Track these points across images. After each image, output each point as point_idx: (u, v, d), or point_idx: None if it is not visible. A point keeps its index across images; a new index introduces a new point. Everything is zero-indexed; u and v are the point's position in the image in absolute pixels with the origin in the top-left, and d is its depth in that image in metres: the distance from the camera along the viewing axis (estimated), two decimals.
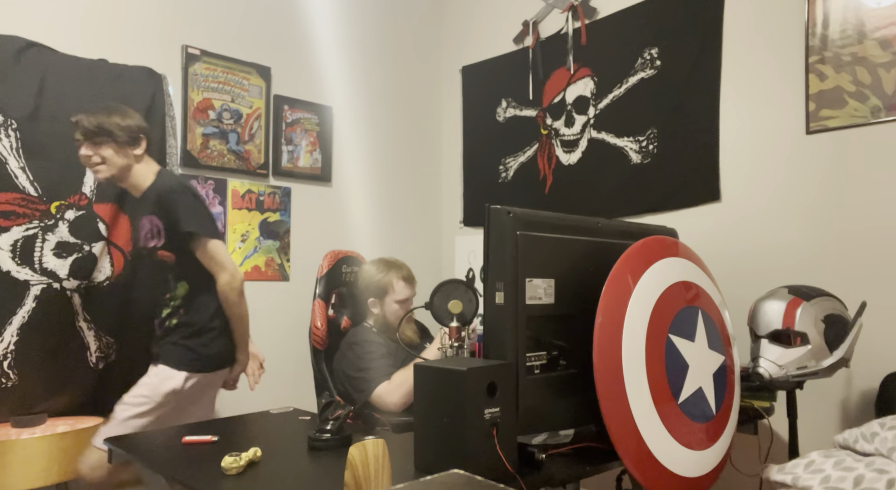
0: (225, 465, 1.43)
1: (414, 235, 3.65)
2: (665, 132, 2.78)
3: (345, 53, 3.37)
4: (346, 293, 2.51)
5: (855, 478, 1.47)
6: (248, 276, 2.94)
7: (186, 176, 2.75)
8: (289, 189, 3.11)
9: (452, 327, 1.81)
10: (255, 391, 2.94)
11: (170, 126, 2.65)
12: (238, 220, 2.92)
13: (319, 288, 2.47)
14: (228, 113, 2.89)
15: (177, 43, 2.76)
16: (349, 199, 3.37)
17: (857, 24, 2.27)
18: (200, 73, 2.80)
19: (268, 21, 3.07)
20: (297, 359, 3.05)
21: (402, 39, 3.64)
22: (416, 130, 3.70)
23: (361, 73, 3.44)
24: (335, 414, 1.71)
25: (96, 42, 2.54)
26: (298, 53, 3.18)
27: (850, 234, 2.28)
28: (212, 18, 2.87)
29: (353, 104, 3.40)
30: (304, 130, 3.17)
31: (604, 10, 3.02)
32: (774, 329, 1.91)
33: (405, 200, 3.62)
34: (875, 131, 2.23)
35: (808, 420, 2.33)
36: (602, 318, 1.44)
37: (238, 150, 2.91)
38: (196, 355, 2.07)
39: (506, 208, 1.48)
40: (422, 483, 0.92)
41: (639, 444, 1.42)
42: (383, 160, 3.53)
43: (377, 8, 3.52)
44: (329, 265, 2.51)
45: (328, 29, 3.30)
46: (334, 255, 2.55)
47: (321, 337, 2.40)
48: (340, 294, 2.52)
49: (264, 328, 3.00)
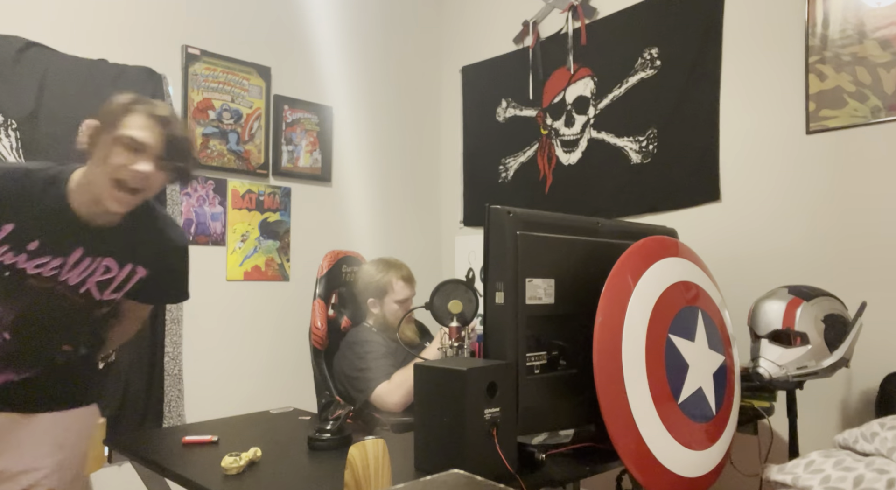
0: (225, 465, 1.43)
1: (414, 235, 3.65)
2: (665, 132, 2.78)
3: (345, 53, 3.37)
4: (346, 293, 2.51)
5: (855, 478, 1.47)
6: (248, 277, 2.95)
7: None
8: (289, 189, 3.11)
9: (452, 327, 1.81)
10: (255, 391, 2.94)
11: None
12: (238, 220, 2.92)
13: (319, 288, 2.47)
14: (228, 113, 2.89)
15: (177, 43, 2.75)
16: (349, 199, 3.37)
17: (857, 24, 2.27)
18: (200, 73, 2.80)
19: (268, 21, 3.07)
20: (297, 359, 3.04)
21: (402, 39, 3.64)
22: (416, 130, 3.70)
23: (361, 73, 3.44)
24: (335, 414, 1.71)
25: (96, 42, 2.54)
26: (298, 53, 3.18)
27: (850, 234, 2.28)
28: (212, 18, 2.87)
29: (353, 104, 3.40)
30: (304, 130, 3.17)
31: (604, 10, 3.02)
32: (774, 329, 1.91)
33: (405, 200, 3.62)
34: (875, 131, 2.23)
35: (808, 420, 2.32)
36: (602, 318, 1.44)
37: (238, 150, 2.91)
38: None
39: (506, 208, 1.48)
40: (422, 483, 0.92)
41: (639, 444, 1.42)
42: (383, 160, 3.53)
43: (377, 8, 3.52)
44: (329, 265, 2.51)
45: (328, 29, 3.30)
46: (334, 255, 2.55)
47: (321, 337, 2.40)
48: (340, 294, 2.52)
49: (264, 328, 3.00)
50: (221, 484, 1.36)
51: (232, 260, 2.89)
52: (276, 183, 3.07)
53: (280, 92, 3.09)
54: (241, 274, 2.92)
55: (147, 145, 1.40)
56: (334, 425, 1.67)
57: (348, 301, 2.51)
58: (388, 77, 3.57)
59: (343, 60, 3.36)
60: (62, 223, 1.46)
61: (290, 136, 3.12)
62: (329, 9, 3.31)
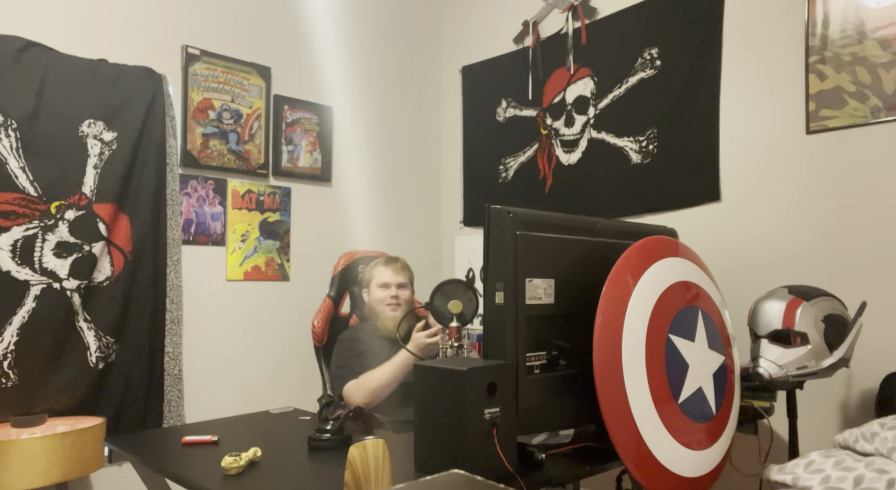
0: (225, 465, 1.43)
1: (414, 235, 3.65)
2: (665, 132, 2.78)
3: (345, 53, 3.37)
4: (357, 292, 2.52)
5: (855, 478, 1.47)
6: (248, 276, 2.95)
7: (186, 176, 2.75)
8: (289, 189, 3.11)
9: (452, 327, 1.81)
10: (255, 391, 2.95)
11: (170, 126, 2.65)
12: (238, 220, 2.92)
13: (331, 286, 2.49)
14: (228, 113, 2.89)
15: (177, 43, 2.76)
16: (349, 199, 3.37)
17: (857, 24, 2.27)
18: (200, 73, 2.80)
19: (268, 21, 3.07)
20: (297, 359, 3.05)
21: (402, 39, 3.64)
22: (416, 130, 3.70)
23: (361, 73, 3.44)
24: (335, 414, 1.71)
25: (96, 42, 2.54)
26: (298, 53, 3.18)
27: (850, 234, 2.28)
28: (212, 18, 2.87)
29: (353, 104, 3.40)
30: (304, 130, 3.17)
31: (604, 10, 3.02)
32: (774, 329, 1.91)
33: (405, 200, 3.62)
34: (875, 131, 2.23)
35: (808, 420, 2.32)
36: (602, 318, 1.44)
37: (238, 150, 2.91)
38: None
39: (506, 208, 1.48)
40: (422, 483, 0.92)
41: (639, 444, 1.42)
42: (383, 160, 3.53)
43: (377, 8, 3.52)
44: (343, 265, 2.53)
45: (328, 29, 3.30)
46: (350, 255, 2.57)
47: (317, 335, 2.42)
48: (352, 293, 2.54)
49: (264, 328, 3.00)
50: (221, 484, 1.36)
51: (232, 260, 2.89)
52: (276, 183, 3.07)
53: (280, 92, 3.09)
54: (241, 274, 2.92)
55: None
56: (334, 425, 1.68)
57: (358, 300, 2.52)
58: (388, 77, 3.57)
59: (343, 60, 3.36)
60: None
61: (290, 136, 3.12)
62: (329, 9, 3.31)
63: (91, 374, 2.43)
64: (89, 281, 2.42)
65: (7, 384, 2.23)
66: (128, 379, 2.51)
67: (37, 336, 2.28)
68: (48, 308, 2.31)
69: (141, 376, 2.55)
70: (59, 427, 2.18)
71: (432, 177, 3.77)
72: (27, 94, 2.31)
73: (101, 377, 2.45)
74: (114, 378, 2.48)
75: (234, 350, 2.90)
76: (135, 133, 2.55)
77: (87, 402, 2.42)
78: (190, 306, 2.74)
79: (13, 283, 2.25)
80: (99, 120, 2.47)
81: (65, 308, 2.35)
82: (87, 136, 2.44)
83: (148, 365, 2.56)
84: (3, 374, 2.22)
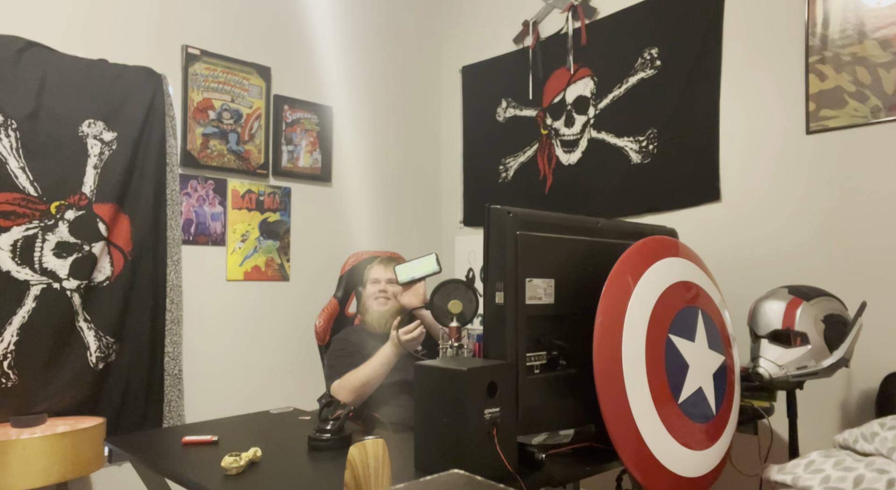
0: (225, 465, 1.43)
1: (414, 235, 3.65)
2: (665, 132, 2.78)
3: (345, 53, 3.37)
4: (361, 292, 2.53)
5: (855, 478, 1.47)
6: (248, 277, 2.95)
7: (186, 176, 2.75)
8: (289, 189, 3.11)
9: (452, 327, 1.81)
10: (255, 391, 2.95)
11: (170, 126, 2.65)
12: (238, 220, 2.92)
13: (338, 287, 2.52)
14: (228, 113, 2.89)
15: (177, 43, 2.75)
16: (349, 199, 3.37)
17: (857, 24, 2.27)
18: (200, 73, 2.80)
19: (267, 21, 3.07)
20: (297, 359, 3.05)
21: (402, 39, 3.64)
22: (416, 130, 3.70)
23: (361, 73, 3.44)
24: (335, 414, 1.71)
25: (96, 42, 2.54)
26: (298, 53, 3.18)
27: (850, 234, 2.28)
28: (212, 18, 2.87)
29: (353, 104, 3.40)
30: (304, 130, 3.17)
31: (604, 10, 3.02)
32: (774, 329, 1.91)
33: (405, 200, 3.62)
34: (875, 131, 2.23)
35: (808, 420, 2.32)
36: (602, 318, 1.44)
37: (238, 150, 2.91)
38: None
39: (506, 208, 1.48)
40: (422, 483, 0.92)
41: (639, 444, 1.42)
42: (383, 160, 3.53)
43: (377, 8, 3.52)
44: (351, 265, 2.55)
45: (328, 29, 3.30)
46: (358, 255, 2.58)
47: (319, 334, 2.43)
48: (358, 293, 2.55)
49: (264, 328, 3.00)
50: (221, 484, 1.36)
51: (232, 260, 2.89)
52: (276, 183, 3.07)
53: (280, 92, 3.09)
54: (241, 274, 2.92)
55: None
56: (334, 425, 1.68)
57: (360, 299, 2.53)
58: (388, 77, 3.57)
59: (343, 60, 3.36)
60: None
61: (290, 136, 3.12)
62: (329, 9, 3.31)
63: (91, 374, 2.43)
64: (89, 281, 2.42)
65: (7, 384, 2.23)
66: (128, 379, 2.51)
67: (37, 336, 2.28)
68: (48, 308, 2.31)
69: (141, 376, 2.55)
70: (59, 427, 2.18)
71: (432, 177, 3.77)
72: (27, 94, 2.31)
73: (101, 377, 2.45)
74: (114, 378, 2.48)
75: (234, 350, 2.90)
76: (135, 133, 2.55)
77: (86, 402, 2.42)
78: (190, 306, 2.74)
79: (13, 283, 2.25)
80: (99, 120, 2.47)
81: (65, 308, 2.35)
82: (87, 136, 2.44)
83: (148, 365, 2.56)
84: (3, 374, 2.22)
